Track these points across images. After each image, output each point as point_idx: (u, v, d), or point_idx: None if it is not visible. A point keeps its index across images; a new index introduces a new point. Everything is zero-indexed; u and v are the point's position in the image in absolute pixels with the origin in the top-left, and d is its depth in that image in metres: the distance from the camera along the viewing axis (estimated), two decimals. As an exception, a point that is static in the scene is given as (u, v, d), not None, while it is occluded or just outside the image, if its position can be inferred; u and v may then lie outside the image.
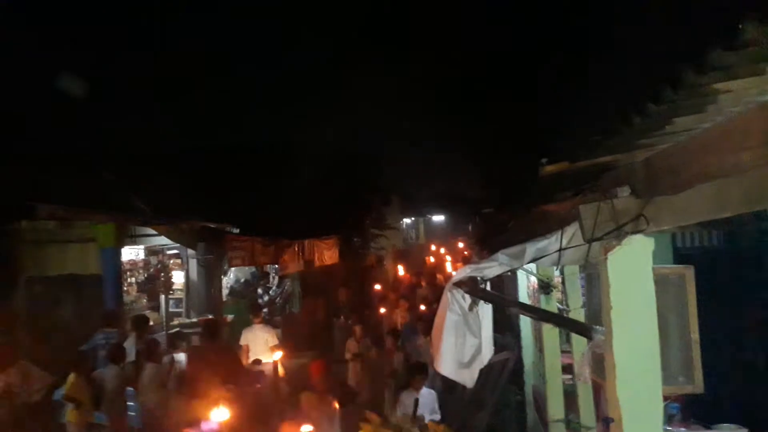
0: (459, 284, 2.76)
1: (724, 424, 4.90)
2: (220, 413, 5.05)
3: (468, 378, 2.95)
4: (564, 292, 5.29)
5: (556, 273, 5.78)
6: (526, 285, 7.48)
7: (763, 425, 4.68)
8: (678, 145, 1.85)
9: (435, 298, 10.71)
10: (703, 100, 1.24)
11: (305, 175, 13.92)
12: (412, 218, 31.09)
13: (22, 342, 8.82)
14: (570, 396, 5.57)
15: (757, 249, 6.13)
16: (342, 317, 12.18)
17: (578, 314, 4.95)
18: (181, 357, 8.41)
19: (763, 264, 6.16)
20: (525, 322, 8.02)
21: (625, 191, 2.28)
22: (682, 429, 5.11)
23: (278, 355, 7.81)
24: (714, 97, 1.23)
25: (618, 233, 2.23)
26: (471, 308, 2.78)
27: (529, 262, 2.47)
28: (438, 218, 30.00)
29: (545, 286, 5.38)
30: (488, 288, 3.19)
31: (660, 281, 2.40)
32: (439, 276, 16.56)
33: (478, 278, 2.71)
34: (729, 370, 5.33)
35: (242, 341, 8.75)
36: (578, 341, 5.00)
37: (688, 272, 2.57)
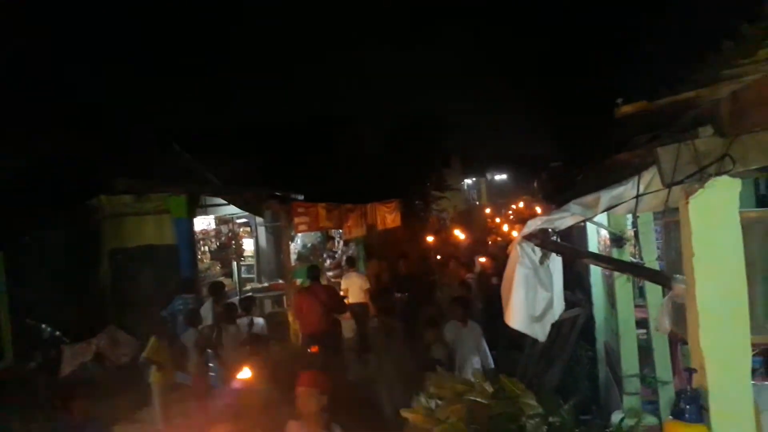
0: (529, 237, 2.70)
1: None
2: (244, 373, 5.33)
3: (540, 332, 2.91)
4: (637, 244, 5.08)
5: (629, 226, 5.57)
6: (596, 239, 7.25)
7: None
8: (769, 74, 1.70)
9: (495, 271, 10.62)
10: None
11: (367, 139, 13.93)
12: (474, 179, 30.68)
13: (109, 309, 9.43)
14: (644, 351, 5.41)
15: None
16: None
17: (653, 267, 4.77)
18: (258, 320, 8.78)
19: None
20: (596, 278, 7.80)
21: (708, 130, 2.14)
22: (766, 383, 4.88)
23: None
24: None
25: (701, 175, 2.10)
26: (542, 261, 2.72)
27: (603, 211, 2.37)
28: (500, 177, 29.46)
29: (617, 239, 5.18)
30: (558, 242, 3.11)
31: (746, 226, 2.25)
32: (495, 240, 16.24)
33: (549, 230, 2.63)
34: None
35: (343, 286, 10.60)
36: (653, 294, 4.83)
37: (778, 215, 2.40)
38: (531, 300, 2.73)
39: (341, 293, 10.19)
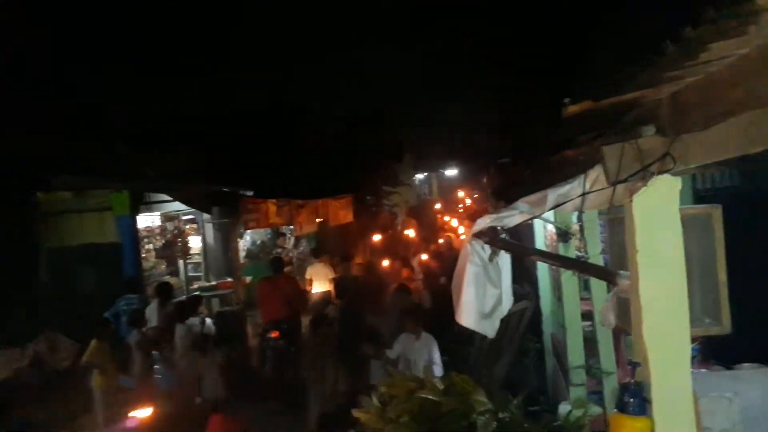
0: (479, 235, 2.71)
1: (746, 364, 4.87)
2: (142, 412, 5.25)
3: (489, 328, 2.94)
4: (583, 239, 5.22)
5: (574, 221, 5.71)
6: (543, 234, 7.42)
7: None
8: (709, 76, 1.74)
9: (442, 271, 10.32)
10: (744, 20, 1.14)
11: (317, 134, 13.78)
12: (425, 174, 30.89)
13: (48, 311, 9.02)
14: (589, 342, 5.56)
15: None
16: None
17: (598, 261, 4.90)
18: (207, 320, 8.59)
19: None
20: (543, 271, 7.99)
21: (650, 130, 2.18)
22: (703, 370, 5.10)
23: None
24: (756, 17, 1.13)
25: (643, 174, 2.14)
26: (491, 259, 2.74)
27: (551, 209, 2.40)
28: (451, 173, 29.76)
29: (563, 234, 5.31)
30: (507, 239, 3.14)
31: (686, 222, 2.32)
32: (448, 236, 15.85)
33: (498, 228, 2.65)
34: (748, 311, 5.27)
35: (307, 276, 10.95)
36: (598, 288, 4.96)
37: (716, 212, 2.49)
38: (481, 297, 2.75)
39: (306, 281, 10.79)
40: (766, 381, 4.47)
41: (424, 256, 12.57)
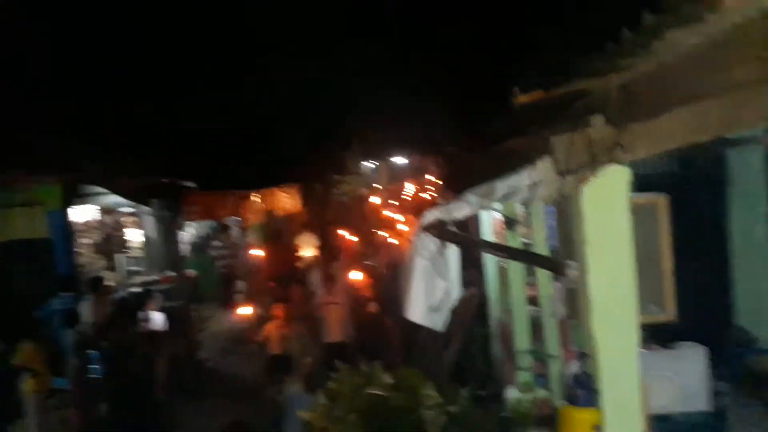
0: (427, 228, 2.65)
1: (682, 343, 5.03)
2: None
3: (439, 321, 2.88)
4: (529, 225, 5.26)
5: (520, 208, 5.75)
6: (489, 221, 7.46)
7: (715, 343, 4.83)
8: (661, 66, 1.71)
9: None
10: (700, 8, 1.10)
11: (262, 124, 13.45)
12: (375, 164, 30.75)
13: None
14: (535, 327, 5.63)
15: (712, 176, 6.21)
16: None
17: (544, 247, 4.95)
18: (156, 316, 8.28)
19: (717, 190, 6.27)
20: (489, 257, 8.05)
21: (599, 120, 2.15)
22: (642, 351, 5.23)
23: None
24: (714, 5, 1.09)
25: (592, 164, 2.12)
26: (440, 251, 2.68)
27: (499, 200, 2.35)
28: (401, 162, 29.75)
29: (510, 222, 5.34)
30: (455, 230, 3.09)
31: (632, 211, 2.31)
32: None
33: (447, 220, 2.59)
34: (685, 295, 5.46)
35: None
36: (543, 273, 5.01)
37: (661, 201, 2.50)
38: (429, 291, 2.69)
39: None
40: (702, 360, 4.64)
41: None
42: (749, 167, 5.97)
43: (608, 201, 2.16)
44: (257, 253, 12.21)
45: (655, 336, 5.45)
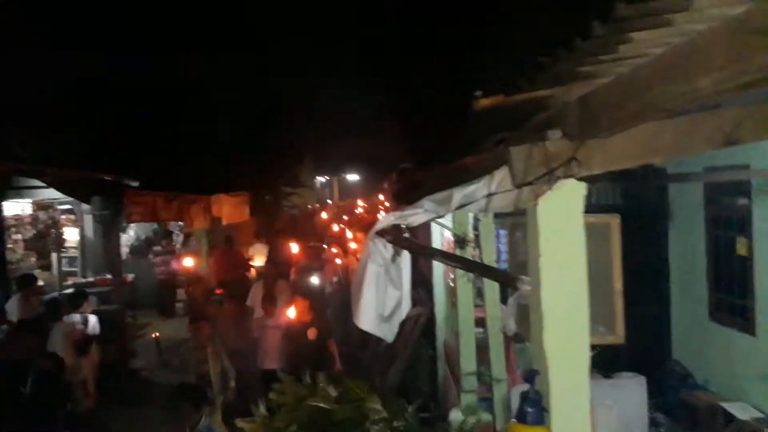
0: (382, 233, 2.58)
1: (623, 373, 5.12)
2: None
3: (388, 332, 2.81)
4: (478, 247, 5.26)
5: (471, 228, 5.76)
6: (440, 240, 7.47)
7: (653, 374, 4.94)
8: (622, 77, 1.72)
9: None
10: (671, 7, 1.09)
11: (213, 128, 13.17)
12: (327, 177, 30.63)
13: None
14: (481, 349, 5.62)
15: (653, 206, 6.42)
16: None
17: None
18: (91, 318, 7.89)
19: (659, 219, 6.48)
20: (438, 277, 8.06)
21: (556, 134, 2.16)
22: (596, 378, 5.30)
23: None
24: (687, 3, 1.08)
25: (549, 177, 2.11)
26: (393, 259, 2.62)
27: (456, 209, 2.31)
28: (353, 177, 29.74)
29: (460, 241, 5.33)
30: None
31: (585, 229, 2.31)
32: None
33: (402, 226, 2.53)
34: (631, 320, 5.58)
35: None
36: (491, 294, 5.02)
37: (614, 221, 2.52)
38: (381, 299, 2.62)
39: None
40: (641, 389, 4.73)
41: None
42: (689, 203, 6.18)
43: (564, 215, 2.15)
44: (199, 260, 11.82)
45: (596, 364, 5.55)
